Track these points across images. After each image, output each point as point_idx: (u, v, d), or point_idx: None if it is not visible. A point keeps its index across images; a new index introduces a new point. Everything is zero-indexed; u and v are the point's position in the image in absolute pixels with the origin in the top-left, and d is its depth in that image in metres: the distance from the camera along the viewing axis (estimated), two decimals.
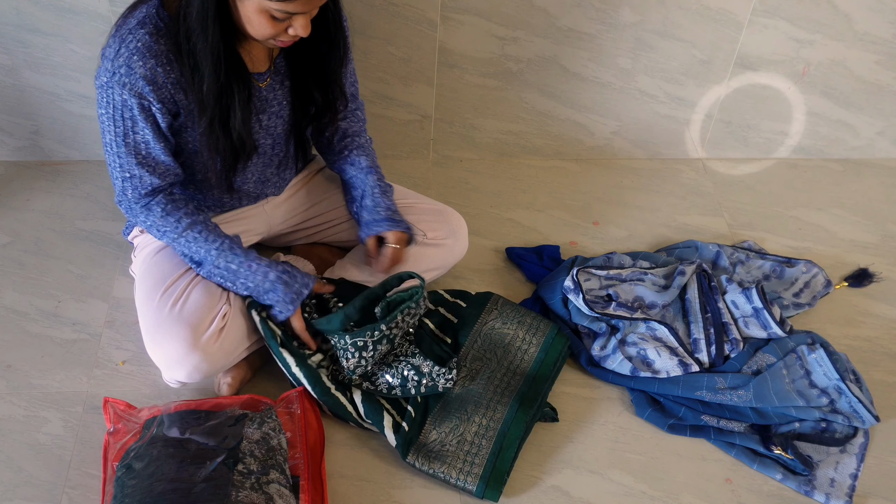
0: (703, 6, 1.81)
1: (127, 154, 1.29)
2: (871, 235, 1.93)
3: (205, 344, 1.36)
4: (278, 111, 1.41)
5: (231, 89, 1.25)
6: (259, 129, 1.39)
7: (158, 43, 1.21)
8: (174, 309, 1.37)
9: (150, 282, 1.43)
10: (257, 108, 1.36)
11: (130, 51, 1.21)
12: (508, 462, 1.39)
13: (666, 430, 1.49)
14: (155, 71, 1.22)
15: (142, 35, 1.21)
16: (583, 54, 1.88)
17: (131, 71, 1.21)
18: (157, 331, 1.37)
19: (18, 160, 1.95)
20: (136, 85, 1.22)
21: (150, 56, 1.21)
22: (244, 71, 1.28)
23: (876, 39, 1.89)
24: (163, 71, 1.23)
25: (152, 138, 1.28)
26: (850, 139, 2.09)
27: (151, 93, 1.23)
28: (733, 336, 1.58)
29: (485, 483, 1.36)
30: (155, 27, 1.21)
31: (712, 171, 2.08)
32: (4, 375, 1.51)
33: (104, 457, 1.35)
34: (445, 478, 1.37)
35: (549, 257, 1.76)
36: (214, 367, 1.39)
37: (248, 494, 1.22)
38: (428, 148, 2.03)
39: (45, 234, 1.78)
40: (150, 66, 1.22)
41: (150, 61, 1.21)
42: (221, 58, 1.21)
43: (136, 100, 1.23)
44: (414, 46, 1.82)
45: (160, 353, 1.37)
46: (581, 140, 2.05)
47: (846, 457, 1.46)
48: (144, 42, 1.21)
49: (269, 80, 1.36)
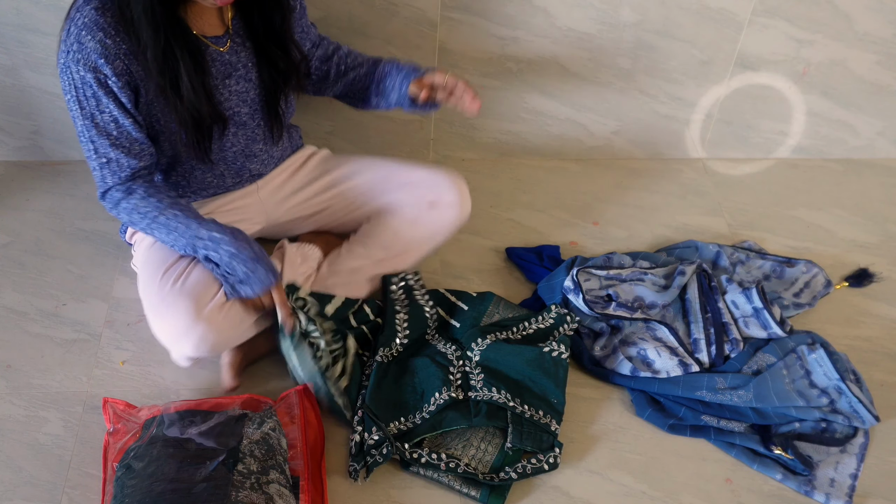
0: (703, 6, 1.81)
1: (98, 136, 1.29)
2: (871, 235, 1.93)
3: (209, 314, 1.35)
4: (245, 74, 1.39)
5: (174, 54, 1.25)
6: (229, 95, 1.38)
7: (105, 16, 1.22)
8: (176, 285, 1.37)
9: (150, 267, 1.43)
10: (222, 73, 1.36)
11: (79, 27, 1.22)
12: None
13: (666, 430, 1.48)
14: (104, 43, 1.23)
15: (88, 11, 1.22)
16: (583, 54, 1.87)
17: (82, 46, 1.22)
18: (159, 305, 1.37)
19: (18, 160, 1.95)
20: (88, 59, 1.23)
21: (98, 29, 1.22)
22: (189, 35, 1.28)
23: (876, 39, 1.89)
24: (112, 42, 1.23)
25: (119, 113, 1.28)
26: (850, 139, 2.09)
27: (106, 65, 1.24)
28: (733, 336, 1.58)
29: (489, 488, 1.36)
30: (101, 2, 1.22)
31: (712, 171, 2.08)
32: (4, 375, 1.51)
33: (104, 457, 1.35)
34: (450, 484, 1.37)
35: (549, 257, 1.76)
36: (221, 337, 1.37)
37: (248, 494, 1.22)
38: (428, 148, 2.03)
39: (45, 234, 1.78)
40: (98, 39, 1.22)
41: (97, 34, 1.22)
42: (160, 23, 1.21)
43: (92, 74, 1.24)
44: (414, 46, 1.82)
45: (165, 328, 1.37)
46: (581, 140, 2.05)
47: (846, 457, 1.46)
48: (91, 17, 1.22)
49: (228, 42, 1.35)
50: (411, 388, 1.47)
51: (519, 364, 1.49)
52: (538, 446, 1.41)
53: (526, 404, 1.45)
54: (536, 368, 1.49)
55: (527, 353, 1.50)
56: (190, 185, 1.49)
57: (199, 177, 1.48)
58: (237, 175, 1.52)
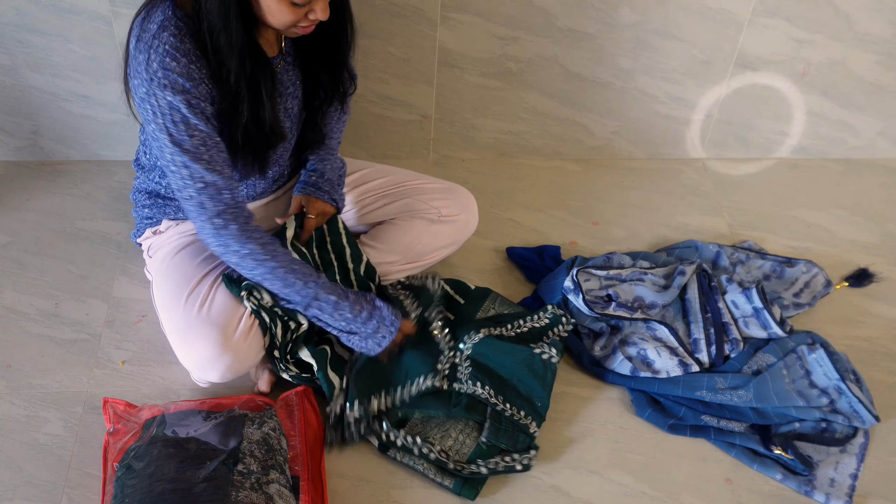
0: (703, 6, 1.81)
1: (192, 161, 1.24)
2: (871, 235, 1.93)
3: (235, 344, 1.35)
4: (293, 92, 1.41)
5: (258, 82, 1.25)
6: (282, 113, 1.40)
7: (184, 42, 1.20)
8: (202, 311, 1.37)
9: (172, 284, 1.43)
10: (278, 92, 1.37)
11: (161, 55, 1.19)
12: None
13: (666, 430, 1.48)
14: (189, 68, 1.21)
15: (167, 38, 1.19)
16: (583, 54, 1.87)
17: (168, 72, 1.20)
18: (187, 333, 1.37)
19: (18, 160, 1.95)
20: (176, 83, 1.20)
21: (181, 55, 1.20)
22: (266, 61, 1.28)
23: (876, 39, 1.89)
24: (195, 68, 1.22)
25: (209, 132, 1.25)
26: (850, 139, 2.09)
27: (193, 88, 1.22)
28: (733, 336, 1.58)
29: (462, 481, 1.37)
30: (177, 27, 1.20)
31: (712, 171, 2.08)
32: (4, 375, 1.51)
33: (104, 457, 1.35)
34: (424, 472, 1.38)
35: (550, 257, 1.76)
36: (244, 365, 1.39)
37: (248, 494, 1.22)
38: (428, 148, 2.03)
39: (45, 234, 1.78)
40: (183, 64, 1.20)
41: (182, 59, 1.20)
42: (246, 51, 1.21)
43: (182, 97, 1.21)
44: (414, 46, 1.82)
45: (192, 356, 1.36)
46: (581, 140, 2.05)
47: (846, 457, 1.46)
48: (171, 44, 1.19)
49: (281, 63, 1.37)
50: (398, 369, 1.48)
51: (509, 363, 1.49)
52: (513, 445, 1.41)
53: (508, 402, 1.45)
54: (526, 369, 1.49)
55: (518, 352, 1.50)
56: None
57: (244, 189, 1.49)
58: (268, 185, 1.54)
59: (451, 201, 1.65)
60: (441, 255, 1.68)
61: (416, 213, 1.63)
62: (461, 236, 1.67)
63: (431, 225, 1.62)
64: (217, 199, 1.27)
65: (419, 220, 1.62)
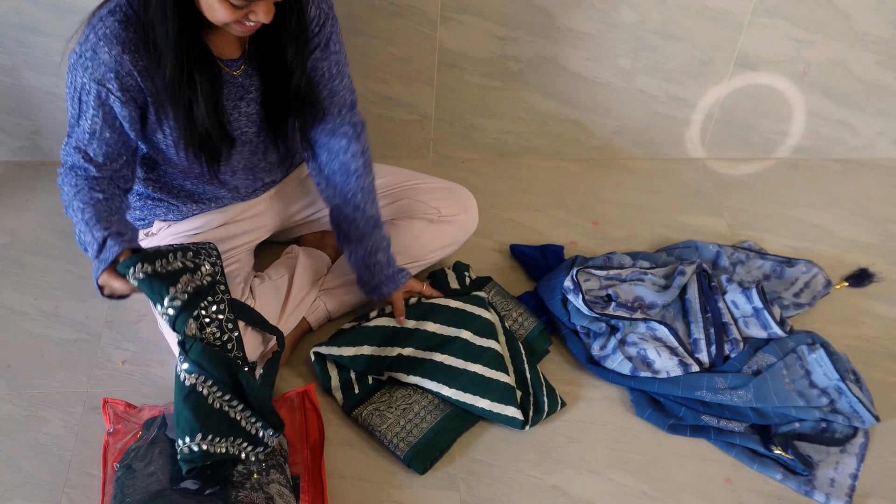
0: (703, 6, 1.81)
1: (72, 134, 1.32)
2: (871, 235, 1.93)
3: None
4: (256, 97, 1.39)
5: (193, 79, 1.24)
6: (238, 116, 1.38)
7: (127, 30, 1.21)
8: None
9: None
10: (234, 94, 1.35)
11: (98, 37, 1.21)
12: (444, 444, 1.42)
13: (666, 430, 1.49)
14: (121, 58, 1.22)
15: (111, 22, 1.21)
16: (583, 54, 1.88)
17: (96, 56, 1.22)
18: None
19: (18, 160, 1.95)
20: (97, 71, 1.23)
21: (117, 43, 1.21)
22: (209, 59, 1.27)
23: (876, 39, 1.89)
24: (129, 58, 1.22)
25: (102, 127, 1.29)
26: (850, 139, 2.09)
27: (114, 80, 1.23)
28: (733, 336, 1.58)
29: (413, 452, 1.39)
30: (125, 15, 1.21)
31: (712, 171, 2.08)
32: (4, 375, 1.51)
33: (104, 457, 1.35)
34: (381, 437, 1.42)
35: (553, 256, 1.77)
36: None
37: (248, 494, 1.22)
38: (428, 148, 2.03)
39: (45, 234, 1.78)
40: (115, 53, 1.22)
41: (115, 48, 1.21)
42: (182, 46, 1.20)
43: (96, 86, 1.24)
44: (414, 46, 1.82)
45: None
46: (581, 140, 2.05)
47: (846, 457, 1.46)
48: (113, 29, 1.21)
49: (243, 66, 1.35)
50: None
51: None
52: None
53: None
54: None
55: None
56: (205, 193, 1.48)
57: (212, 191, 1.48)
58: (251, 186, 1.53)
59: (450, 201, 1.65)
60: (441, 255, 1.68)
61: (416, 213, 1.63)
62: (461, 236, 1.68)
63: (431, 225, 1.63)
64: (75, 169, 1.32)
65: (419, 220, 1.62)
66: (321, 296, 1.59)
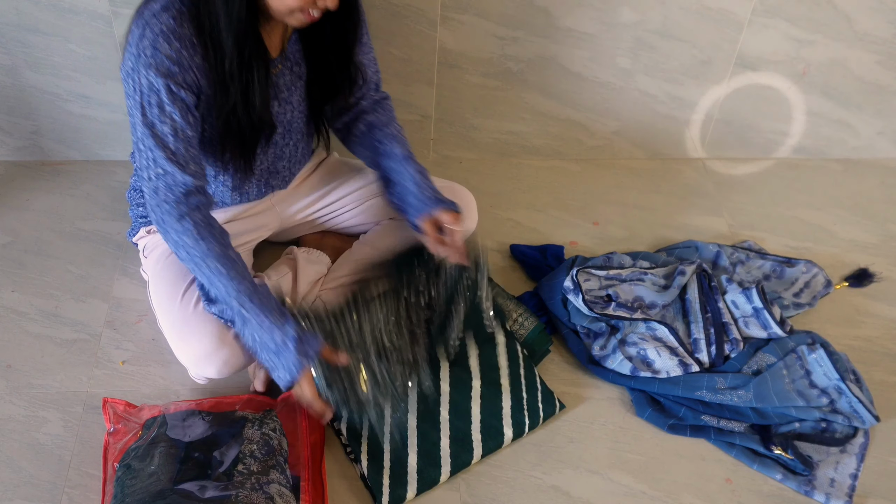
0: (703, 6, 1.81)
1: (156, 146, 1.25)
2: (871, 235, 1.93)
3: (233, 338, 1.35)
4: (287, 97, 1.41)
5: (251, 66, 1.25)
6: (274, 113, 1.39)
7: (182, 26, 1.21)
8: (198, 307, 1.37)
9: (167, 282, 1.42)
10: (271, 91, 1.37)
11: (155, 33, 1.20)
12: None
13: (666, 430, 1.49)
14: (180, 53, 1.21)
15: (166, 18, 1.20)
16: (583, 54, 1.88)
17: (157, 52, 1.20)
18: (183, 328, 1.36)
19: (18, 160, 1.95)
20: (162, 64, 1.21)
21: (175, 38, 1.21)
22: (264, 51, 1.28)
23: (876, 39, 1.89)
24: (188, 54, 1.22)
25: (182, 123, 1.25)
26: (850, 139, 2.09)
27: (179, 73, 1.22)
28: (733, 336, 1.58)
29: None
30: (178, 11, 1.21)
31: (712, 171, 2.08)
32: (4, 375, 1.51)
33: (104, 457, 1.35)
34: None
35: (553, 256, 1.76)
36: (243, 360, 1.38)
37: (249, 495, 1.22)
38: (428, 148, 2.03)
39: (45, 234, 1.78)
40: (175, 48, 1.21)
41: (175, 43, 1.21)
42: (244, 33, 1.21)
43: (163, 80, 1.21)
44: (414, 46, 1.82)
45: (189, 351, 1.36)
46: (581, 140, 2.05)
47: (846, 457, 1.46)
48: (169, 25, 1.20)
49: (279, 66, 1.36)
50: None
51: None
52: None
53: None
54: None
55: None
56: (213, 197, 1.48)
57: (220, 194, 1.49)
58: (261, 193, 1.54)
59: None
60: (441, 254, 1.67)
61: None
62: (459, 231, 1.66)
63: None
64: (170, 191, 1.27)
65: None
66: (321, 296, 1.59)
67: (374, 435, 1.40)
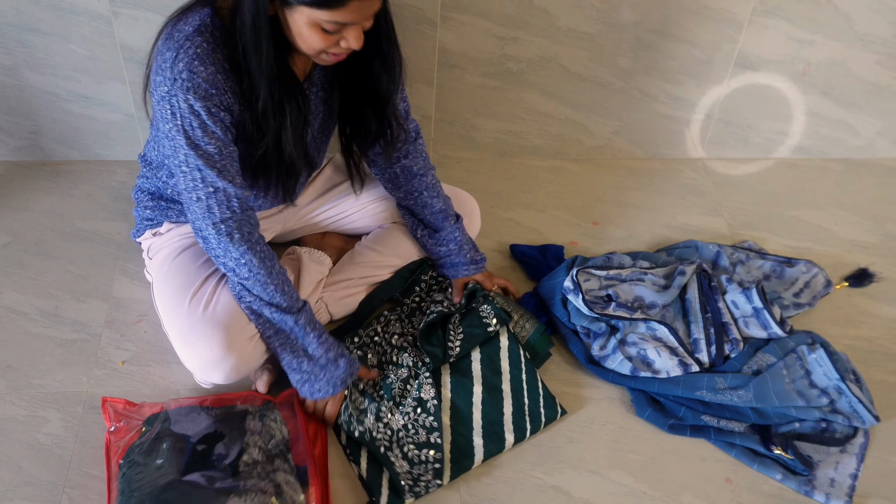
0: (703, 6, 1.81)
1: (205, 166, 1.23)
2: (871, 235, 1.93)
3: (241, 345, 1.34)
4: (311, 121, 1.40)
5: (283, 108, 1.23)
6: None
7: (216, 52, 1.19)
8: (206, 312, 1.36)
9: (174, 286, 1.42)
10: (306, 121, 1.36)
11: (190, 56, 1.17)
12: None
13: (666, 430, 1.49)
14: (216, 77, 1.19)
15: (200, 42, 1.17)
16: (583, 54, 1.88)
17: (193, 75, 1.17)
18: (191, 334, 1.35)
19: (18, 160, 1.95)
20: (199, 87, 1.18)
21: (211, 63, 1.18)
22: (297, 86, 1.26)
23: (876, 39, 1.89)
24: (222, 78, 1.20)
25: (225, 140, 1.24)
26: (850, 139, 2.09)
27: (215, 95, 1.20)
28: (733, 336, 1.58)
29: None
30: (212, 35, 1.19)
31: (712, 171, 2.08)
32: (4, 375, 1.51)
33: (107, 455, 1.35)
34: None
35: (553, 256, 1.76)
36: (249, 366, 1.38)
37: (256, 483, 1.23)
38: (428, 148, 2.03)
39: (45, 234, 1.78)
40: (211, 72, 1.18)
41: (210, 67, 1.18)
42: (275, 76, 1.19)
43: (202, 103, 1.19)
44: (414, 46, 1.82)
45: (196, 357, 1.35)
46: (581, 140, 2.05)
47: (846, 457, 1.46)
48: (203, 49, 1.17)
49: (306, 90, 1.35)
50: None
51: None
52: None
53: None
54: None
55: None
56: None
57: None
58: (273, 203, 1.53)
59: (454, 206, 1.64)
60: None
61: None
62: None
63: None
64: (225, 206, 1.26)
65: None
66: (323, 297, 1.59)
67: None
